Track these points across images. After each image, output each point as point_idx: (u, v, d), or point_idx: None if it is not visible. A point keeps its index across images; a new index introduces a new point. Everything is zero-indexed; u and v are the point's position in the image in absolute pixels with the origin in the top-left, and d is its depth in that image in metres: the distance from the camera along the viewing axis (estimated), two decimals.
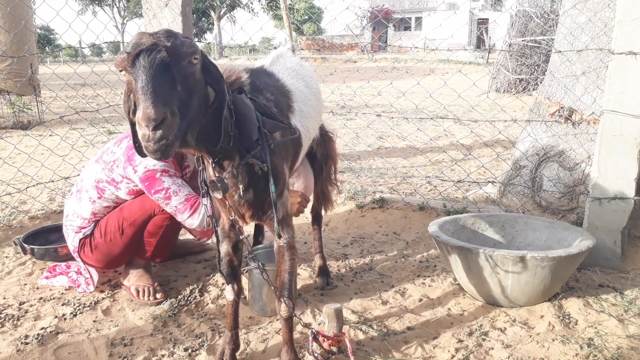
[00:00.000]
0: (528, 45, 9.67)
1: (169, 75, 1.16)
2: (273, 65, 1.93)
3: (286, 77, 1.87)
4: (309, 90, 1.93)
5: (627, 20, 2.25)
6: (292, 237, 1.65)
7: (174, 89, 1.16)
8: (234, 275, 1.76)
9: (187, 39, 1.23)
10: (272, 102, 1.61)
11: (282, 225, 1.62)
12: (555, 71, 3.17)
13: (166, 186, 2.05)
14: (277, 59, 1.98)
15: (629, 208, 2.40)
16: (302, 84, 1.91)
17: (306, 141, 1.87)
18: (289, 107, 1.75)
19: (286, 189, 1.64)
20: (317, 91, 2.02)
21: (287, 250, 1.63)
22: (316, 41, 31.76)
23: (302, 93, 1.87)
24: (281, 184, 1.58)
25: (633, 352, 1.81)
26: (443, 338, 1.92)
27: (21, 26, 5.63)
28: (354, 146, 5.54)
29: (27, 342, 1.92)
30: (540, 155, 3.17)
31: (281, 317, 1.68)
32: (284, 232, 1.62)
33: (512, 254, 1.98)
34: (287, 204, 1.64)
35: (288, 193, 1.65)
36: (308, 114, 1.86)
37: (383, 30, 40.00)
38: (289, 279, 1.65)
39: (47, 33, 43.02)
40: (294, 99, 1.80)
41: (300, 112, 1.81)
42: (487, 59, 17.03)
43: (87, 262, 2.29)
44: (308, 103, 1.88)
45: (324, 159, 2.37)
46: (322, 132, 2.34)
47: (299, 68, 1.99)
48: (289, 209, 1.65)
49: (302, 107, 1.83)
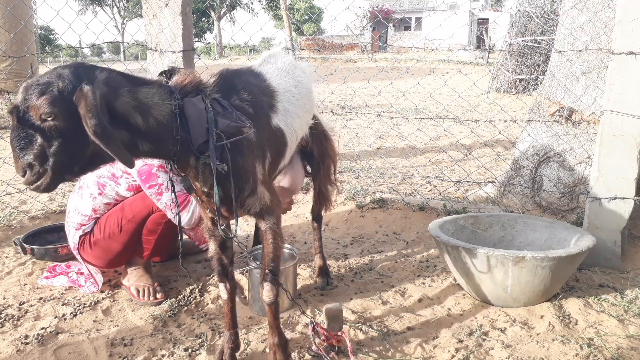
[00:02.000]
0: (528, 45, 9.68)
1: (26, 133, 1.27)
2: (263, 65, 1.94)
3: (274, 77, 1.88)
4: (298, 90, 1.94)
5: (627, 20, 2.25)
6: (275, 223, 1.69)
7: (32, 144, 1.28)
8: (225, 274, 1.78)
9: (43, 98, 1.25)
10: (247, 101, 1.63)
11: (262, 215, 1.68)
12: (555, 71, 3.17)
13: (160, 182, 2.08)
14: (268, 60, 1.99)
15: (629, 208, 2.40)
16: (291, 84, 1.92)
17: (292, 139, 1.89)
18: (271, 107, 1.77)
19: (261, 184, 1.66)
20: (308, 91, 2.02)
21: (269, 234, 1.68)
22: (316, 41, 31.77)
23: (289, 92, 1.88)
24: (251, 181, 1.61)
25: (633, 352, 1.81)
26: (443, 338, 1.93)
27: (21, 26, 5.63)
28: (354, 146, 5.54)
29: (27, 342, 1.92)
30: (540, 155, 3.17)
31: (264, 301, 1.69)
32: (266, 219, 1.68)
33: (512, 254, 1.98)
34: (263, 198, 1.66)
35: (264, 188, 1.67)
36: (294, 113, 1.87)
37: (383, 30, 40.01)
38: (272, 262, 1.67)
39: (47, 33, 43.02)
40: (278, 98, 1.82)
41: (285, 111, 1.82)
42: (487, 59, 17.03)
43: (86, 260, 2.29)
44: (296, 103, 1.90)
45: (320, 157, 2.36)
46: (319, 130, 2.33)
47: (290, 68, 2.00)
48: (267, 201, 1.68)
49: (288, 107, 1.84)
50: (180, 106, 1.43)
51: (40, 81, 1.27)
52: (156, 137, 1.41)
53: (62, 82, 1.26)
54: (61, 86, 1.26)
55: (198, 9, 27.21)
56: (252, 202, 1.64)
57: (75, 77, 1.28)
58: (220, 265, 1.78)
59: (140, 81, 1.41)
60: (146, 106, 1.37)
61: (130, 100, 1.35)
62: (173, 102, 1.42)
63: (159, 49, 3.18)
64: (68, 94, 1.26)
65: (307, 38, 34.03)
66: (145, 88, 1.39)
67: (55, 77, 1.27)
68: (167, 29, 3.11)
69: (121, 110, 1.33)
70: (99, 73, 1.32)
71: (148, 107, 1.38)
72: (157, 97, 1.40)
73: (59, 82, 1.26)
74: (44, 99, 1.24)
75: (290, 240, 3.05)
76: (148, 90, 1.39)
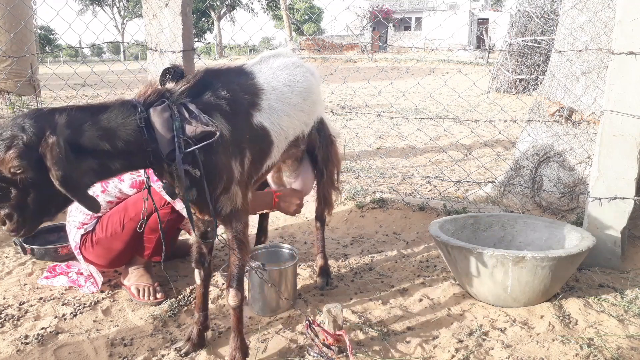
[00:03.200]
0: (528, 45, 9.68)
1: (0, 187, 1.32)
2: (259, 64, 1.94)
3: (265, 75, 1.88)
4: (290, 89, 1.93)
5: (627, 20, 2.25)
6: (241, 231, 1.71)
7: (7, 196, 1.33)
8: (201, 261, 1.89)
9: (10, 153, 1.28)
10: (224, 99, 1.63)
11: (231, 219, 1.69)
12: (555, 71, 3.17)
13: None
14: (267, 59, 1.99)
15: (629, 208, 2.40)
16: (283, 83, 1.92)
17: (281, 138, 1.89)
18: (253, 104, 1.77)
19: (236, 183, 1.66)
20: (304, 90, 2.00)
21: (234, 243, 1.72)
22: (316, 41, 31.77)
23: (277, 91, 1.87)
24: (225, 179, 1.62)
25: (633, 352, 1.81)
26: (443, 338, 1.93)
27: (21, 26, 5.63)
28: (354, 146, 5.54)
29: (27, 342, 1.92)
30: (540, 155, 3.17)
31: (229, 304, 1.77)
32: (233, 225, 1.70)
33: (512, 254, 1.98)
34: (235, 199, 1.67)
35: (239, 188, 1.68)
36: (282, 111, 1.87)
37: (383, 30, 40.00)
38: (237, 271, 1.73)
39: (47, 33, 43.02)
40: (264, 97, 1.81)
41: (270, 110, 1.82)
42: (487, 59, 17.02)
43: (88, 259, 2.29)
44: (286, 101, 1.89)
45: (324, 162, 2.36)
46: (324, 134, 2.33)
47: (288, 67, 1.99)
48: (238, 203, 1.69)
49: (275, 105, 1.84)
50: (145, 118, 1.46)
51: (4, 135, 1.29)
52: (127, 154, 1.45)
53: (26, 135, 1.29)
54: (26, 139, 1.28)
55: (198, 9, 27.22)
56: (224, 201, 1.65)
57: (37, 127, 1.30)
58: (198, 253, 1.88)
59: (100, 108, 1.43)
60: (111, 130, 1.41)
61: (94, 132, 1.38)
62: (138, 116, 1.45)
63: (159, 49, 3.19)
64: (34, 145, 1.29)
65: (307, 38, 34.02)
66: (107, 113, 1.42)
67: (19, 129, 1.29)
68: (167, 29, 3.11)
69: (87, 144, 1.37)
70: (59, 117, 1.35)
71: (113, 131, 1.41)
72: (120, 118, 1.43)
73: (23, 135, 1.29)
74: (11, 154, 1.27)
75: (290, 240, 3.05)
76: (110, 114, 1.43)
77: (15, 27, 5.73)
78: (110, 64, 5.37)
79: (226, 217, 1.68)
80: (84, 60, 11.35)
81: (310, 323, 1.82)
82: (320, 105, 2.23)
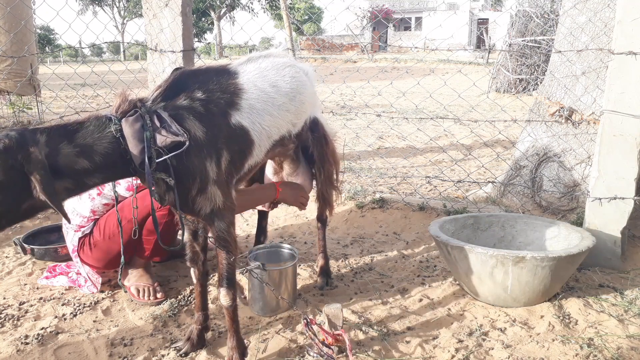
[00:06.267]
0: (528, 45, 9.68)
1: None
2: (245, 64, 1.93)
3: (249, 75, 1.87)
4: (275, 89, 1.93)
5: (627, 20, 2.25)
6: (224, 229, 1.71)
7: None
8: (195, 260, 1.92)
9: None
10: (199, 101, 1.64)
11: (212, 218, 1.69)
12: (555, 71, 3.17)
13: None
14: (255, 59, 1.98)
15: (629, 208, 2.40)
16: (268, 84, 1.91)
17: (262, 137, 1.88)
18: (232, 104, 1.76)
19: (212, 183, 1.66)
20: (291, 91, 1.99)
21: (218, 242, 1.72)
22: (316, 41, 31.77)
23: (261, 91, 1.86)
24: (199, 180, 1.62)
25: (633, 352, 1.81)
26: (443, 338, 1.93)
27: (21, 26, 5.62)
28: (354, 146, 5.54)
29: (27, 342, 1.92)
30: (540, 155, 3.17)
31: (221, 304, 1.79)
32: (215, 224, 1.70)
33: (512, 254, 1.98)
34: (214, 199, 1.67)
35: (216, 188, 1.67)
36: (264, 110, 1.86)
37: (383, 30, 40.01)
38: (226, 270, 1.74)
39: (47, 33, 43.01)
40: (244, 96, 1.80)
41: (250, 109, 1.81)
42: (487, 59, 17.03)
43: (86, 262, 2.29)
44: (269, 101, 1.88)
45: (321, 162, 2.35)
46: (318, 134, 2.31)
47: (277, 68, 1.99)
48: (219, 203, 1.69)
49: (256, 104, 1.83)
50: (120, 130, 1.48)
51: None
52: (108, 166, 1.47)
53: (8, 140, 1.31)
54: (7, 143, 1.31)
55: (198, 9, 27.21)
56: (202, 202, 1.64)
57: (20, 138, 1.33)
58: (191, 252, 1.91)
59: (75, 126, 1.45)
60: (88, 146, 1.43)
61: (71, 150, 1.41)
62: (113, 127, 1.47)
63: (159, 49, 3.19)
64: (13, 152, 1.31)
65: (307, 38, 34.03)
66: (82, 130, 1.44)
67: (3, 136, 1.32)
68: (167, 29, 3.12)
69: (65, 163, 1.39)
70: (40, 136, 1.37)
71: (90, 147, 1.43)
72: (96, 133, 1.45)
73: (5, 139, 1.31)
74: None
75: (290, 240, 3.05)
76: (85, 130, 1.45)
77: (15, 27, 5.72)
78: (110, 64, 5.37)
79: (207, 217, 1.68)
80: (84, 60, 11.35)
81: (308, 322, 1.81)
82: (311, 105, 2.20)
